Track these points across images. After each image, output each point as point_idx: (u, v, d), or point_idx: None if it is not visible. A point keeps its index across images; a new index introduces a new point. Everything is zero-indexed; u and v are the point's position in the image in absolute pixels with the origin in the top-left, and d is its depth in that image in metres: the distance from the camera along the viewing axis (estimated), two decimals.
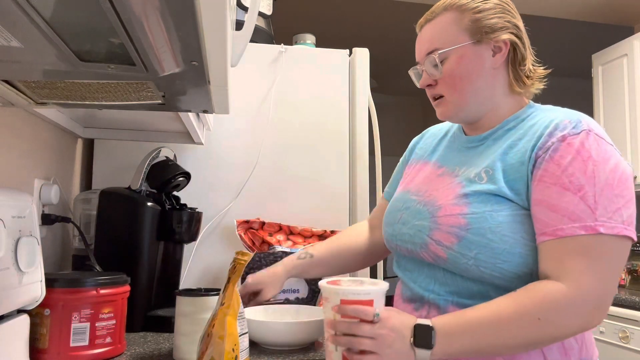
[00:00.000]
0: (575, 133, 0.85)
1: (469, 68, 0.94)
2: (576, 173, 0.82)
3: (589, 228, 0.80)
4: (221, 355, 0.80)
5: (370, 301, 0.83)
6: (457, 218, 0.88)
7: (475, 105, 0.96)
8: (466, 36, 0.94)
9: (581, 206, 0.80)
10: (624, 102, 2.83)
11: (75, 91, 0.79)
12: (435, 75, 0.96)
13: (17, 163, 1.13)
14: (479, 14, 0.94)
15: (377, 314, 0.82)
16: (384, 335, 0.81)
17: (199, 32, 0.54)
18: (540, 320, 0.79)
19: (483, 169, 0.92)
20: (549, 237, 0.82)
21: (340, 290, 0.83)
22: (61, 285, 0.93)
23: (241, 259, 0.89)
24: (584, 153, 0.83)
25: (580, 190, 0.81)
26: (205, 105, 0.87)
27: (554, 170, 0.83)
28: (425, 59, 0.97)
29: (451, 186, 0.94)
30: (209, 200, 1.61)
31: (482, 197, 0.88)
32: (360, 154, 1.71)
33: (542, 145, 0.86)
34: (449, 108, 0.97)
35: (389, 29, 3.81)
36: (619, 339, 2.18)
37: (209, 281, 1.59)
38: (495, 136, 0.96)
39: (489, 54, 0.94)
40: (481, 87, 0.95)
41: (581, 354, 0.88)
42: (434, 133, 1.15)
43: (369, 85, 1.76)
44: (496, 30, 0.94)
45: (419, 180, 1.03)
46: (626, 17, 3.13)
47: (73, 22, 0.52)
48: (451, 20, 0.96)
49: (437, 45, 0.95)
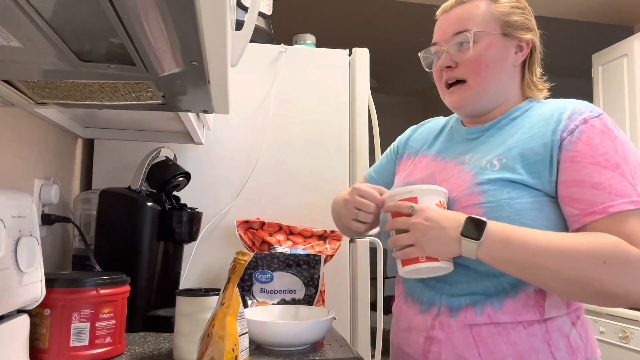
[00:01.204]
0: (595, 116, 0.87)
1: (496, 57, 0.94)
2: (609, 152, 0.83)
3: (637, 202, 0.80)
4: (221, 355, 0.80)
5: (414, 198, 0.89)
6: (473, 208, 0.87)
7: (493, 97, 0.96)
8: (497, 26, 0.95)
9: (624, 182, 0.81)
10: (624, 102, 2.83)
11: (75, 91, 0.79)
12: (461, 56, 0.94)
13: (17, 163, 1.13)
14: (512, 9, 0.96)
15: (412, 206, 0.87)
16: (416, 224, 0.84)
17: (199, 32, 0.54)
18: (606, 264, 0.77)
19: (495, 157, 0.91)
20: (600, 215, 0.81)
21: (389, 193, 0.92)
22: (61, 285, 0.93)
23: (241, 259, 0.89)
24: (610, 133, 0.85)
25: (617, 167, 0.82)
26: (205, 105, 0.87)
27: (586, 150, 0.84)
28: (453, 38, 0.95)
29: (461, 175, 0.93)
30: (209, 200, 1.61)
31: (498, 185, 0.87)
32: (360, 154, 1.71)
33: (565, 128, 0.86)
34: (467, 95, 0.96)
35: (389, 29, 3.81)
36: (619, 339, 2.18)
37: (209, 281, 1.59)
38: (499, 125, 0.97)
39: (513, 50, 0.96)
40: (502, 80, 0.96)
41: (587, 352, 0.88)
42: (429, 127, 1.14)
43: (369, 85, 1.76)
44: (524, 29, 0.96)
45: (421, 172, 1.02)
46: (626, 17, 3.13)
47: (73, 22, 0.52)
48: (485, 6, 0.96)
49: (469, 26, 0.94)
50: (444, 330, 0.90)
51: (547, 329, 0.86)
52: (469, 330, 0.88)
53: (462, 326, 0.88)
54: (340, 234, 1.59)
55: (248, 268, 1.38)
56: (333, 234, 1.59)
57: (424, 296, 0.95)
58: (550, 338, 0.86)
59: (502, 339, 0.86)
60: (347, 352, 1.03)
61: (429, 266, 0.86)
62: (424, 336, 0.93)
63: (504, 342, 0.86)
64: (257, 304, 1.36)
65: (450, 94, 0.98)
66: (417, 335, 0.94)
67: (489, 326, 0.87)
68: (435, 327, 0.91)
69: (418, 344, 0.94)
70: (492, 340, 0.86)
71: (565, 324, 0.88)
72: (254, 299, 1.38)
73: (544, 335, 0.86)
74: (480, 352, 0.86)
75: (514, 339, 0.85)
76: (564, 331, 0.87)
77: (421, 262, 0.86)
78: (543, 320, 0.86)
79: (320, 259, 1.42)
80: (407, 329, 0.97)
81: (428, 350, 0.91)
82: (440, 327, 0.90)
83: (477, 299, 0.88)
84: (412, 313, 0.97)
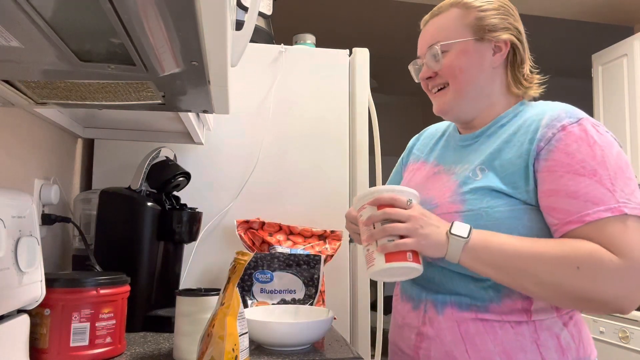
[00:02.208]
0: (573, 122, 0.86)
1: (469, 63, 0.95)
2: (586, 158, 0.82)
3: (614, 209, 0.79)
4: (221, 355, 0.80)
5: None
6: (452, 216, 0.89)
7: (473, 101, 0.97)
8: (469, 32, 0.96)
9: (601, 189, 0.80)
10: (624, 102, 2.83)
11: (75, 91, 0.79)
12: (436, 66, 0.97)
13: (17, 163, 1.13)
14: (483, 13, 0.96)
15: (410, 200, 0.88)
16: (416, 216, 0.85)
17: (199, 32, 0.54)
18: (579, 269, 0.78)
19: (477, 166, 0.92)
20: (576, 224, 0.81)
21: (376, 189, 0.90)
22: (61, 285, 0.93)
23: (241, 259, 0.89)
24: (589, 139, 0.84)
25: (594, 174, 0.81)
26: (205, 105, 0.87)
27: (563, 159, 0.83)
28: (427, 51, 0.99)
29: (447, 184, 0.95)
30: (209, 200, 1.61)
31: (478, 194, 0.88)
32: (360, 153, 1.71)
33: (542, 137, 0.86)
34: (448, 98, 0.98)
35: (389, 29, 3.81)
36: (619, 338, 2.18)
37: (209, 281, 1.59)
38: (488, 132, 0.97)
39: (490, 52, 0.96)
40: (480, 83, 0.96)
41: (579, 353, 0.88)
42: (431, 133, 1.16)
43: (369, 85, 1.75)
44: (498, 30, 0.96)
45: (417, 180, 1.04)
46: (626, 17, 3.13)
47: (73, 22, 0.52)
48: (456, 16, 0.97)
49: (439, 39, 0.97)
50: (433, 326, 0.91)
51: (535, 329, 0.86)
52: (457, 326, 0.89)
53: (449, 323, 0.89)
54: (340, 234, 1.60)
55: (248, 268, 1.38)
56: (333, 234, 1.59)
57: (414, 293, 0.96)
58: (539, 337, 0.86)
59: (489, 337, 0.86)
60: (347, 352, 1.03)
61: (412, 267, 0.85)
62: (415, 332, 0.95)
63: (491, 340, 0.86)
64: (257, 304, 1.36)
65: (434, 100, 1.02)
66: (409, 331, 0.96)
67: (476, 322, 0.87)
68: (426, 323, 0.93)
69: (410, 340, 0.96)
70: (479, 338, 0.87)
71: (556, 324, 0.88)
72: (254, 299, 1.38)
73: (532, 334, 0.86)
74: (467, 349, 0.87)
75: (502, 338, 0.86)
76: (554, 331, 0.87)
77: (408, 261, 0.85)
78: (532, 320, 0.87)
79: (320, 259, 1.42)
80: (401, 325, 1.00)
81: (419, 346, 0.93)
82: (430, 324, 0.92)
83: (462, 299, 0.89)
84: (405, 310, 0.99)
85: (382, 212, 0.87)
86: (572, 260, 0.79)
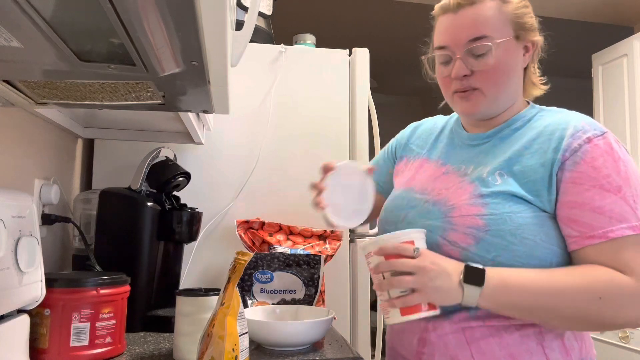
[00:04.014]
0: (598, 135, 0.85)
1: (512, 64, 0.92)
2: (612, 174, 0.82)
3: (636, 228, 0.80)
4: (221, 355, 0.79)
5: (411, 242, 0.84)
6: (474, 219, 0.86)
7: (504, 102, 0.94)
8: (511, 29, 0.91)
9: (625, 207, 0.81)
10: (624, 102, 2.83)
11: (75, 91, 0.79)
12: (481, 65, 0.89)
13: (17, 163, 1.13)
14: (521, 10, 0.92)
15: (417, 248, 0.82)
16: (424, 267, 0.80)
17: (199, 32, 0.54)
18: (602, 300, 0.78)
19: (497, 171, 0.90)
20: (599, 239, 0.81)
21: (381, 237, 0.85)
22: (61, 285, 0.93)
23: (241, 259, 0.89)
24: (614, 154, 0.83)
25: (619, 191, 0.81)
26: (205, 105, 0.87)
27: (589, 172, 0.82)
28: (469, 45, 0.89)
29: (463, 185, 0.92)
30: (209, 200, 1.61)
31: (500, 198, 0.86)
32: (360, 154, 1.71)
33: (568, 147, 0.84)
34: (482, 103, 0.92)
35: (389, 29, 3.81)
36: (619, 339, 2.18)
37: (209, 281, 1.59)
38: (501, 135, 0.95)
39: (522, 52, 0.93)
40: (514, 85, 0.94)
41: (581, 353, 0.88)
42: (428, 128, 1.12)
43: (369, 85, 1.75)
44: (533, 30, 0.94)
45: (423, 178, 1.01)
46: (626, 17, 3.13)
47: (73, 22, 0.52)
48: (496, 8, 0.90)
49: (486, 33, 0.88)
50: (437, 332, 0.90)
51: (540, 330, 0.86)
52: (461, 332, 0.88)
53: (455, 328, 0.88)
54: (340, 234, 1.59)
55: (248, 268, 1.38)
56: (333, 234, 1.59)
57: None
58: (544, 339, 0.86)
59: (495, 340, 0.86)
60: (347, 352, 1.03)
61: (428, 315, 0.82)
62: (417, 337, 0.93)
63: (496, 343, 0.86)
64: (257, 304, 1.36)
65: (462, 100, 0.93)
66: (411, 336, 0.95)
67: (481, 328, 0.87)
68: (429, 329, 0.91)
69: (412, 345, 0.94)
70: (484, 341, 0.86)
71: None
72: (254, 299, 1.38)
73: (537, 336, 0.86)
74: (472, 353, 0.86)
75: (507, 341, 0.86)
76: (558, 332, 0.87)
77: (423, 311, 0.82)
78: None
79: (320, 259, 1.42)
80: (401, 330, 0.98)
81: (421, 351, 0.92)
82: (434, 329, 0.90)
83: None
84: None
85: (388, 263, 0.83)
86: (593, 291, 0.79)
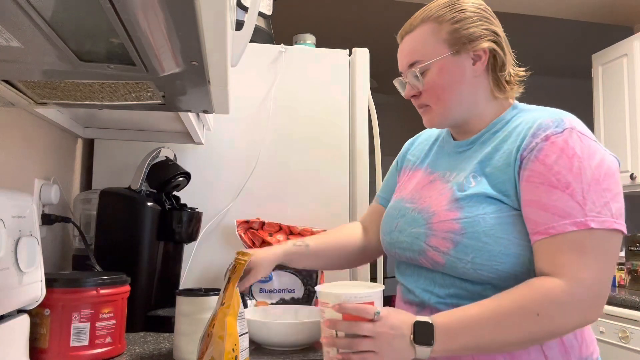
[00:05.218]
0: (558, 132, 0.85)
1: (451, 79, 0.94)
2: (562, 171, 0.82)
3: (579, 224, 0.80)
4: (221, 355, 0.80)
5: (371, 303, 0.84)
6: (451, 223, 0.88)
7: (460, 113, 0.97)
8: (445, 47, 0.94)
9: (570, 203, 0.81)
10: (624, 102, 2.83)
11: (75, 91, 0.79)
12: (418, 87, 0.97)
13: (17, 163, 1.13)
14: (457, 24, 0.94)
15: (378, 312, 0.83)
16: (383, 333, 0.81)
17: (199, 32, 0.54)
18: (539, 315, 0.79)
19: (471, 173, 0.92)
20: (542, 235, 0.82)
21: (342, 294, 0.84)
22: (61, 285, 0.93)
23: (241, 259, 0.89)
24: (569, 150, 0.83)
25: (568, 187, 0.82)
26: (205, 105, 0.87)
27: (541, 170, 0.84)
28: (407, 71, 0.98)
29: (443, 192, 0.94)
30: (209, 200, 1.61)
31: (474, 201, 0.88)
32: (360, 153, 1.71)
33: (526, 147, 0.86)
34: (434, 116, 0.98)
35: (389, 29, 3.81)
36: (619, 338, 2.18)
37: (209, 281, 1.59)
38: (482, 140, 0.97)
39: (469, 63, 0.94)
40: (464, 95, 0.96)
41: (581, 351, 0.88)
42: (425, 138, 1.15)
43: (369, 85, 1.76)
44: (475, 40, 0.93)
45: (412, 187, 1.04)
46: (626, 17, 3.13)
47: (73, 22, 0.52)
48: (429, 31, 0.95)
49: (417, 58, 0.96)
50: None
51: None
52: None
53: None
54: None
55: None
56: None
57: (417, 297, 0.95)
58: None
59: None
60: None
61: None
62: None
63: None
64: (256, 304, 1.36)
65: (422, 115, 1.01)
66: None
67: None
68: None
69: None
70: None
71: None
72: (253, 299, 1.38)
73: None
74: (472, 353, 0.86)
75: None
76: None
77: None
78: None
79: None
80: None
81: None
82: None
83: (463, 303, 0.88)
84: None
85: (347, 324, 0.83)
86: (530, 309, 0.79)
